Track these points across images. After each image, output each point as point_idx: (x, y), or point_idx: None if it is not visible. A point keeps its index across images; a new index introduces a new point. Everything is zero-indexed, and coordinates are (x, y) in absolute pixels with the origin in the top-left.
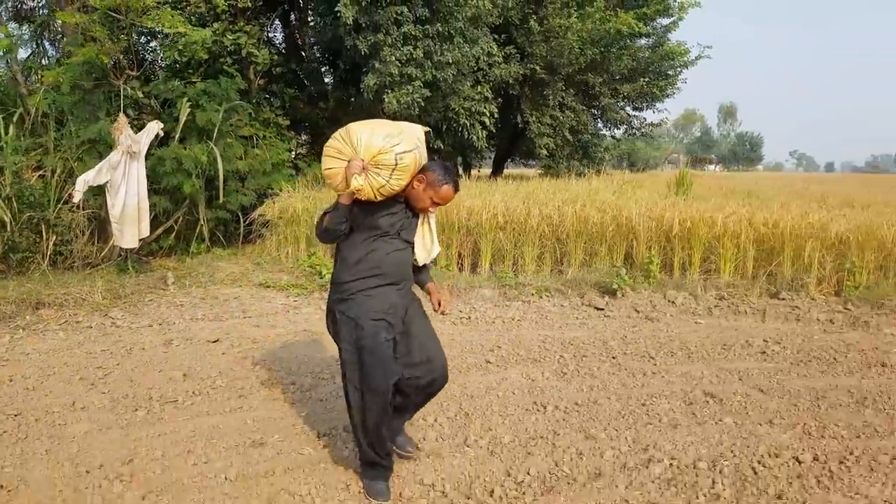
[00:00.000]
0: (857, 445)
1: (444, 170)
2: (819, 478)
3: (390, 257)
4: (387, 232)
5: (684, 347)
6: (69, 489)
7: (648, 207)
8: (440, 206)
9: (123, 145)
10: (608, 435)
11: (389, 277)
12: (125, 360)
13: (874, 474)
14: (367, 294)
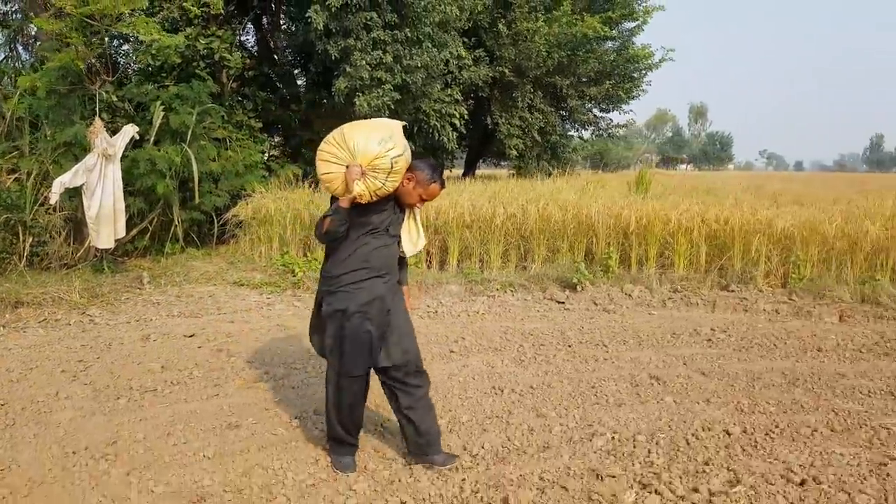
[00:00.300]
0: (783, 420)
1: (432, 168)
2: (744, 447)
3: (378, 252)
4: (376, 228)
5: (636, 336)
6: (58, 468)
7: (608, 206)
8: (427, 201)
9: (99, 148)
10: (558, 413)
11: (377, 270)
12: (105, 354)
13: (794, 444)
14: (357, 287)
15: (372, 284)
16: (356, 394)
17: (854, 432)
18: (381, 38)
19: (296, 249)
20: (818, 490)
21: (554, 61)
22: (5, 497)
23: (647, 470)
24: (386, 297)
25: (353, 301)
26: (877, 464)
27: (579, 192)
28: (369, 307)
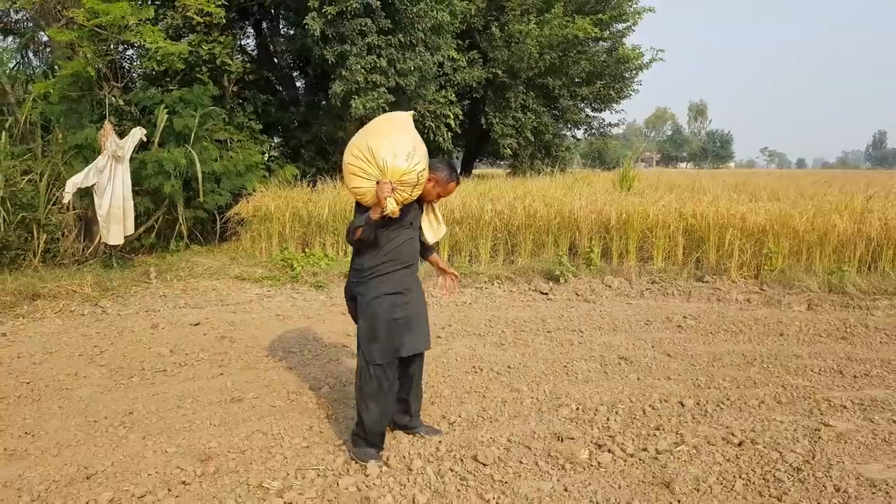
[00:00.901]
0: (734, 393)
1: (450, 168)
2: (695, 416)
3: (406, 245)
4: (402, 223)
5: (612, 323)
6: (82, 433)
7: (591, 202)
8: (444, 197)
9: (109, 150)
10: (530, 388)
11: (404, 262)
12: (117, 340)
13: (741, 413)
14: (386, 276)
15: (402, 275)
16: (390, 382)
17: (797, 403)
18: (375, 44)
19: (294, 245)
20: (753, 449)
21: (546, 62)
22: (37, 457)
23: (604, 434)
24: (413, 288)
25: (384, 289)
26: (811, 429)
27: (566, 190)
28: (400, 296)
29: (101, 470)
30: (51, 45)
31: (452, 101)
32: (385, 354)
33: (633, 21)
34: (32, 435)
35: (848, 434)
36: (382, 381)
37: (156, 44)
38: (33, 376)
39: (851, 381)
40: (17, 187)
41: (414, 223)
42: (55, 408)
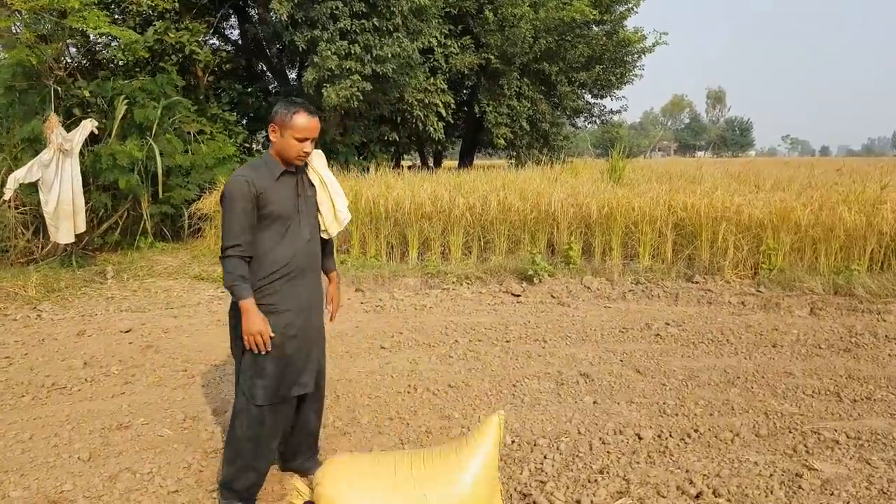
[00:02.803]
0: (704, 423)
1: (286, 103)
2: (651, 454)
3: (300, 247)
4: (286, 216)
5: (582, 331)
6: None
7: (571, 194)
8: (308, 139)
9: (55, 143)
10: (463, 415)
11: (299, 270)
12: (34, 350)
13: (708, 450)
14: (275, 294)
15: (297, 289)
16: (275, 427)
17: (780, 437)
18: (348, 28)
19: None
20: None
21: (541, 47)
22: None
23: (534, 478)
24: (312, 304)
25: (275, 310)
26: (792, 474)
27: (548, 181)
28: (295, 318)
29: None
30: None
31: (443, 88)
32: (272, 395)
33: (636, 2)
34: None
35: (836, 482)
36: (264, 426)
37: (100, 30)
38: None
39: (850, 406)
40: None
41: (305, 213)
42: None
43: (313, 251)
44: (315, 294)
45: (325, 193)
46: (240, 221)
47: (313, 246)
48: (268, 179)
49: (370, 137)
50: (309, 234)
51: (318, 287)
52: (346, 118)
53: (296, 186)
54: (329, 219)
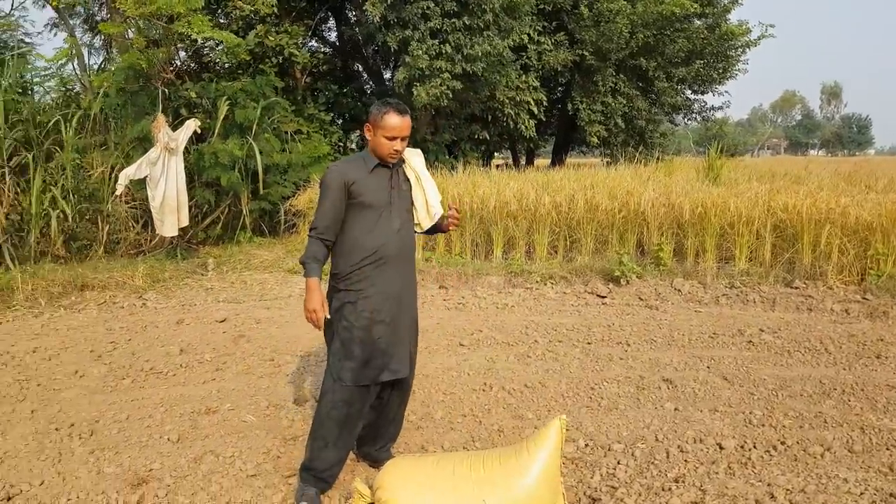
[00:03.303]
0: (793, 435)
1: (379, 104)
2: (731, 464)
3: (391, 236)
4: (378, 207)
5: (669, 335)
6: (35, 443)
7: (663, 193)
8: (398, 138)
9: (161, 142)
10: (537, 415)
11: (390, 259)
12: (136, 336)
13: (794, 464)
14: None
15: (387, 278)
16: (359, 410)
17: (875, 454)
18: (439, 28)
19: None
20: None
21: (638, 42)
22: None
23: (605, 483)
24: (402, 294)
25: (364, 296)
26: (886, 494)
27: (639, 180)
28: (385, 305)
29: (26, 490)
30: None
31: (535, 86)
32: (359, 376)
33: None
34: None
35: None
36: (350, 407)
37: (204, 34)
38: (35, 373)
39: None
40: (82, 179)
41: (397, 205)
42: (29, 411)
43: (404, 242)
44: (406, 283)
45: (420, 189)
46: (327, 208)
47: (404, 236)
48: (362, 171)
49: (460, 136)
50: (400, 224)
51: (409, 276)
52: (436, 117)
53: (389, 179)
54: (422, 213)
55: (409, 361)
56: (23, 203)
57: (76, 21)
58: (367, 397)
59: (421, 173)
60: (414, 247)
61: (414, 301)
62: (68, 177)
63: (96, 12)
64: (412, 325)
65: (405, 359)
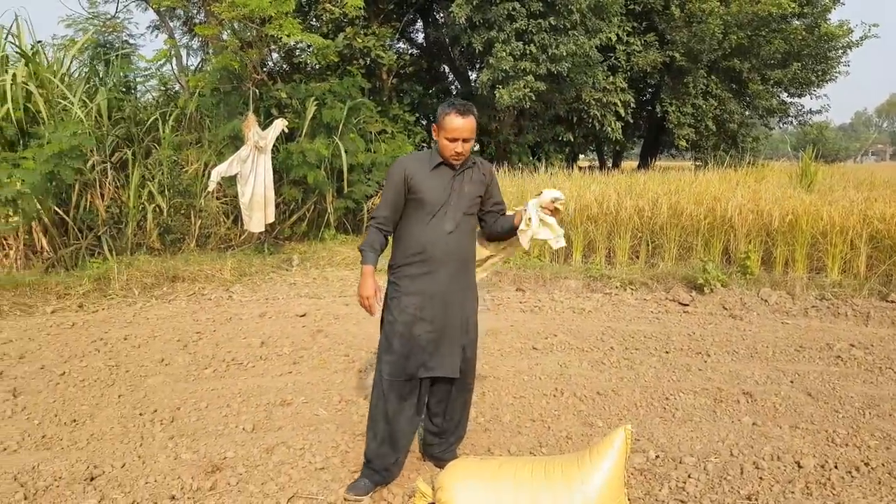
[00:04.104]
0: (878, 457)
1: (445, 105)
2: (809, 484)
3: (442, 239)
4: (431, 208)
5: (752, 346)
6: (120, 427)
7: (751, 199)
8: (460, 140)
9: (251, 141)
10: (607, 424)
11: (438, 262)
12: (221, 328)
13: (878, 487)
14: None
15: (435, 279)
16: (402, 405)
17: None
18: (525, 28)
19: None
20: None
21: (731, 43)
22: (65, 447)
23: (674, 497)
24: (449, 298)
25: (408, 292)
26: None
27: (729, 185)
28: (428, 303)
29: (108, 472)
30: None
31: (623, 87)
32: (397, 371)
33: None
34: (76, 423)
35: None
36: (391, 402)
37: (295, 36)
38: (125, 360)
39: None
40: (176, 176)
41: (454, 207)
42: (116, 396)
43: (458, 245)
44: (455, 285)
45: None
46: (386, 199)
47: (458, 240)
48: (425, 168)
49: (544, 137)
50: (454, 227)
51: (460, 279)
52: (520, 118)
53: (452, 179)
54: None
55: (453, 362)
56: (122, 197)
57: (176, 23)
58: (408, 393)
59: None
60: (470, 251)
61: (467, 304)
62: (165, 172)
63: (194, 15)
64: (463, 327)
65: (449, 359)
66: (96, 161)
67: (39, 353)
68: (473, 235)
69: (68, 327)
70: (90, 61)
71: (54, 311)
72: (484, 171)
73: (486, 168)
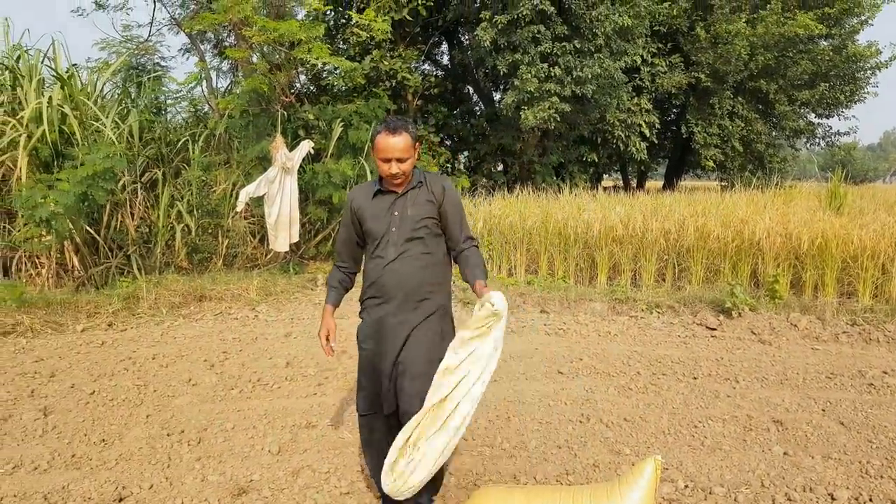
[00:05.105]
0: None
1: (380, 123)
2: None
3: (389, 268)
4: (377, 237)
5: (782, 373)
6: (148, 447)
7: (779, 222)
8: (393, 159)
9: (279, 161)
10: (635, 451)
11: (387, 295)
12: (247, 347)
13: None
14: (367, 312)
15: (385, 312)
16: (377, 436)
17: None
18: (549, 51)
19: None
20: None
21: (758, 64)
22: (94, 467)
23: None
24: (394, 329)
25: (364, 328)
26: None
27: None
28: (369, 338)
29: (136, 493)
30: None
31: (648, 108)
32: (364, 405)
33: (870, 14)
34: (105, 442)
35: None
36: (364, 436)
37: (324, 60)
38: (153, 379)
39: None
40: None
41: (396, 234)
42: (144, 415)
43: (401, 274)
44: (398, 317)
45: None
46: (341, 234)
47: (400, 268)
48: (368, 196)
49: (568, 158)
50: (395, 255)
51: (404, 310)
52: (544, 139)
53: (391, 205)
54: None
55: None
56: (151, 216)
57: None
58: (380, 427)
59: None
60: (418, 279)
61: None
62: (193, 192)
63: (225, 38)
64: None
65: (389, 396)
66: (127, 181)
67: (70, 372)
68: (428, 260)
69: (98, 346)
70: (123, 83)
71: (84, 329)
72: (433, 191)
73: (437, 187)
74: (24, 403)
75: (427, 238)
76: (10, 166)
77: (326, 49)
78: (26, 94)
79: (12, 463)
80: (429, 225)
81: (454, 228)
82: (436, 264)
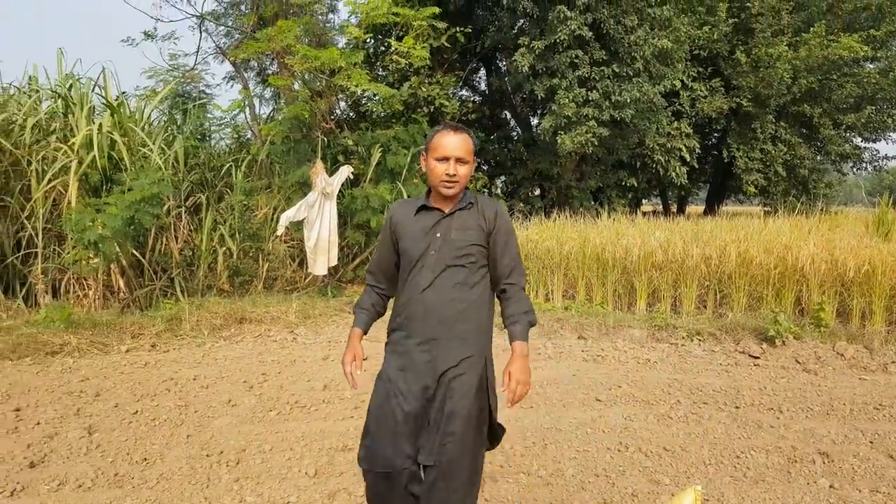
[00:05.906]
0: None
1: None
2: None
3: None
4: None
5: (828, 403)
6: (188, 467)
7: (825, 248)
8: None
9: (319, 187)
10: (674, 482)
11: (416, 333)
12: (286, 370)
13: None
14: (392, 348)
15: (405, 343)
16: (379, 497)
17: None
18: (587, 76)
19: None
20: None
21: (801, 88)
22: (136, 486)
23: None
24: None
25: (386, 368)
26: None
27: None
28: (398, 376)
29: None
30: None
31: (688, 133)
32: (365, 459)
33: None
34: (147, 461)
35: None
36: (370, 491)
37: (363, 86)
38: (194, 400)
39: None
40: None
41: (434, 258)
42: (185, 436)
43: (434, 305)
44: (438, 358)
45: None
46: (378, 251)
47: (434, 297)
48: (410, 212)
49: (607, 182)
50: (430, 281)
51: (443, 350)
52: (582, 163)
53: (435, 224)
54: None
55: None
56: (195, 240)
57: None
58: (378, 487)
59: None
60: (455, 312)
61: (451, 384)
62: (235, 217)
63: (268, 66)
64: (444, 415)
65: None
66: (172, 206)
67: (114, 392)
68: (467, 294)
69: (141, 366)
70: (169, 110)
71: (129, 350)
72: (485, 215)
73: (490, 211)
74: (69, 422)
75: (470, 268)
76: (61, 191)
77: (366, 76)
78: (77, 122)
79: (58, 480)
80: (474, 253)
81: (502, 261)
82: (476, 300)
